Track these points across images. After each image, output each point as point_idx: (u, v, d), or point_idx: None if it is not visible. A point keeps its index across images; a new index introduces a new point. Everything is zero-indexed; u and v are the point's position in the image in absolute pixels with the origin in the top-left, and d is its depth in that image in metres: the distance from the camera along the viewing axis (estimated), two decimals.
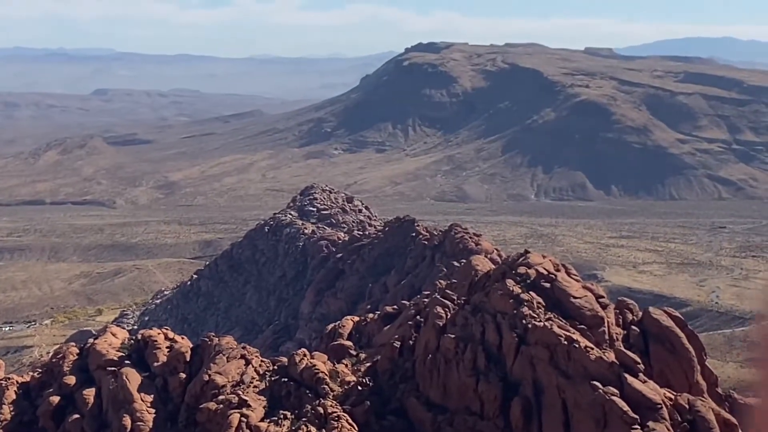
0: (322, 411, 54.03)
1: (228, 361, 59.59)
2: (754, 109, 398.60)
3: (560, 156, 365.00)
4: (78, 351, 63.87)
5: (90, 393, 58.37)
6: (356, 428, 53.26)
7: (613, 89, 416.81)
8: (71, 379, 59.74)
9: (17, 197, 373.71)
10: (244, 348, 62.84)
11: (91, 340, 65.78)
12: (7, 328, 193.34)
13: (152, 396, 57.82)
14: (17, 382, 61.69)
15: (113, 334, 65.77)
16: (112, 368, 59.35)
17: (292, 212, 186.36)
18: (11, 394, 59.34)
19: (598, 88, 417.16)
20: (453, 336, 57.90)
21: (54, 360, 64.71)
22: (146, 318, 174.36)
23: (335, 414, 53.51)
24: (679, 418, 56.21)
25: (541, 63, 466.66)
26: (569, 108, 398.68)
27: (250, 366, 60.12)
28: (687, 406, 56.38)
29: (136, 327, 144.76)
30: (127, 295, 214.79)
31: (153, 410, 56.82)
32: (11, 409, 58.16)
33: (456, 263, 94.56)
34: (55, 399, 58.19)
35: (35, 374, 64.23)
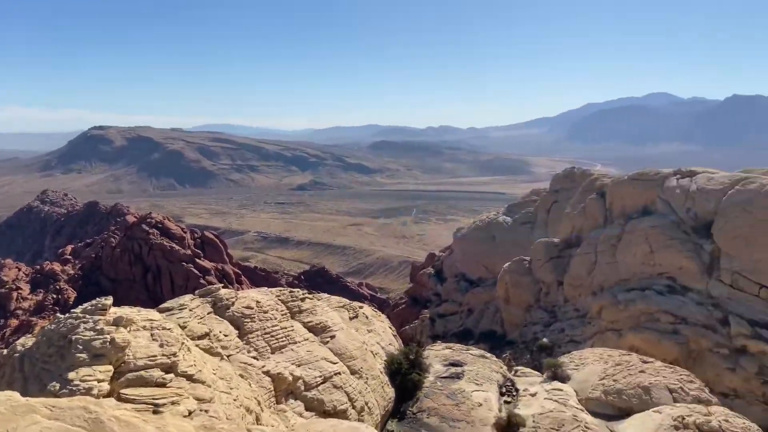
0: None
1: None
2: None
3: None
4: None
5: None
6: None
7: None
8: None
9: None
10: None
11: None
12: None
13: None
14: None
15: None
16: None
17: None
18: None
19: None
20: (119, 250, 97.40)
21: None
22: None
23: None
24: (221, 276, 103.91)
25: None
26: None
27: None
28: (221, 268, 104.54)
29: None
30: None
31: None
32: None
33: (119, 219, 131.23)
34: None
35: None
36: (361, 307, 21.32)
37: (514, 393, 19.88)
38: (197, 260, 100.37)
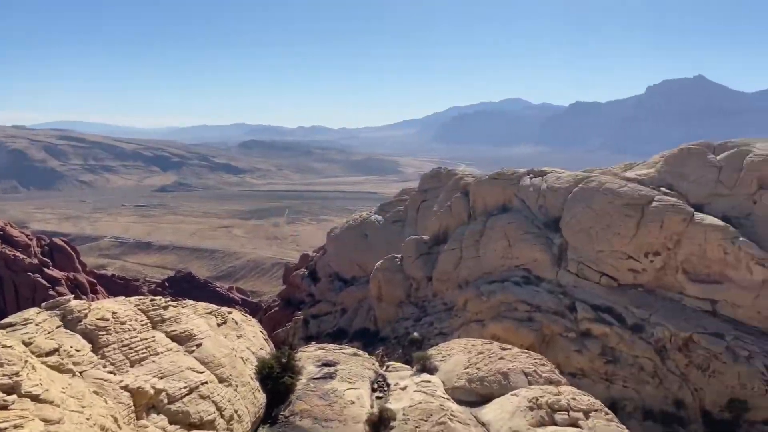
0: None
1: None
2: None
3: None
4: None
5: None
6: None
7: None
8: None
9: None
10: None
11: None
12: None
13: None
14: None
15: None
16: None
17: None
18: None
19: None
20: None
21: None
22: None
23: None
24: (73, 286, 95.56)
25: None
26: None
27: None
28: (73, 278, 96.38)
29: None
30: None
31: None
32: None
33: None
34: None
35: None
36: (230, 313, 20.71)
37: (386, 388, 20.40)
38: (45, 269, 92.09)
